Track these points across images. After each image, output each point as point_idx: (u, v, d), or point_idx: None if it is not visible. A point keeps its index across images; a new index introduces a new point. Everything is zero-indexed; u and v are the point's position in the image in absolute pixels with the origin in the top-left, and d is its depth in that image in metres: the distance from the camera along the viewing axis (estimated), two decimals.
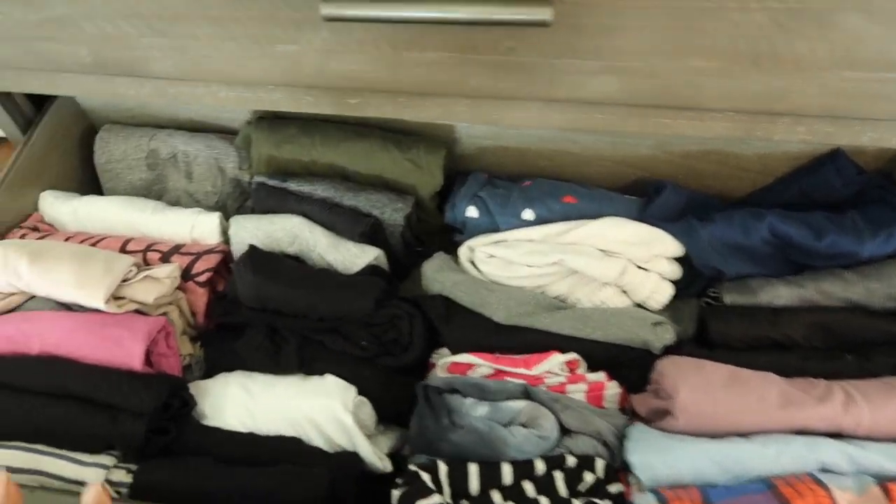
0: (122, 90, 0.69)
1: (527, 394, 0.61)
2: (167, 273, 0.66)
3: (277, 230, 0.71)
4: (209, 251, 0.72)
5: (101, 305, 0.62)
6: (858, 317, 0.63)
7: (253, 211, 0.76)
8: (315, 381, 0.64)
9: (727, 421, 0.55)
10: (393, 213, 0.72)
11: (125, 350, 0.60)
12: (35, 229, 0.75)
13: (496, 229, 0.72)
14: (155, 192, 0.83)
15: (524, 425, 0.59)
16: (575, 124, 0.64)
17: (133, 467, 0.57)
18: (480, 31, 0.58)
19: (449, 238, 0.80)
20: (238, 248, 0.72)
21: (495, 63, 0.60)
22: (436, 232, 0.80)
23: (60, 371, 0.59)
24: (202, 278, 0.70)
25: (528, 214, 0.71)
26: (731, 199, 0.80)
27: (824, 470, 0.53)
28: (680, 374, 0.57)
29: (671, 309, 0.71)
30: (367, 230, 0.70)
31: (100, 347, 0.60)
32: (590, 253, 0.69)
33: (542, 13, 0.50)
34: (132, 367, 0.60)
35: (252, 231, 0.71)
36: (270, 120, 0.77)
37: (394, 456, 0.66)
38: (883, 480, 0.52)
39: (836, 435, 0.55)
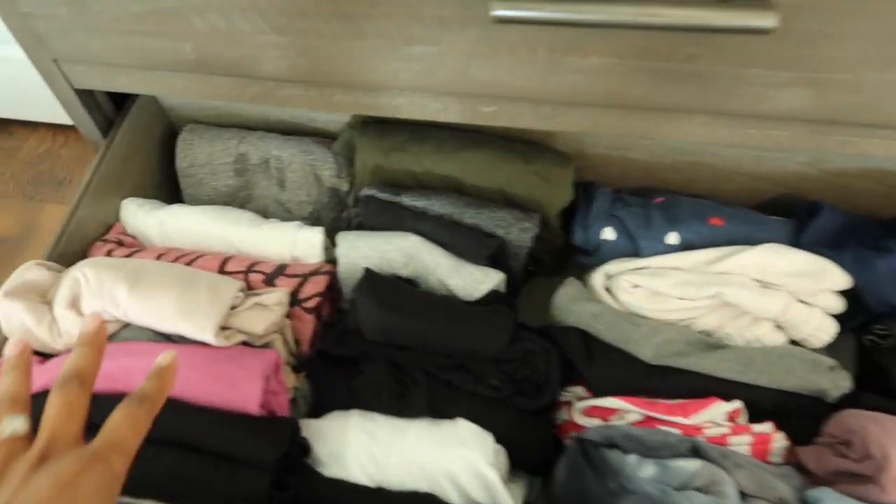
0: (224, 91, 0.62)
1: (695, 450, 0.54)
2: (276, 300, 0.59)
3: (392, 250, 0.64)
4: (316, 272, 0.64)
5: (210, 339, 0.55)
6: None
7: (358, 226, 0.68)
8: (447, 427, 0.56)
9: None
10: (520, 233, 0.64)
11: (241, 393, 0.53)
12: (120, 243, 0.68)
13: (636, 254, 0.65)
14: (240, 199, 0.76)
15: (698, 489, 0.51)
16: (744, 140, 0.56)
17: None
18: (659, 35, 0.50)
19: (565, 258, 0.73)
20: (347, 269, 0.65)
21: (668, 71, 0.52)
22: (554, 251, 0.72)
23: (171, 415, 0.52)
24: (311, 304, 0.62)
25: (672, 238, 0.64)
26: (884, 219, 0.73)
27: None
28: (886, 436, 0.49)
29: (829, 349, 0.63)
30: (494, 253, 0.63)
31: (213, 388, 0.53)
32: (748, 285, 0.61)
33: (766, 19, 0.42)
34: (248, 411, 0.53)
35: (365, 252, 0.64)
36: (377, 125, 0.69)
37: None
38: None
39: None
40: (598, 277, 0.65)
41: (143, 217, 0.70)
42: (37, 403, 0.39)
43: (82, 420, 0.37)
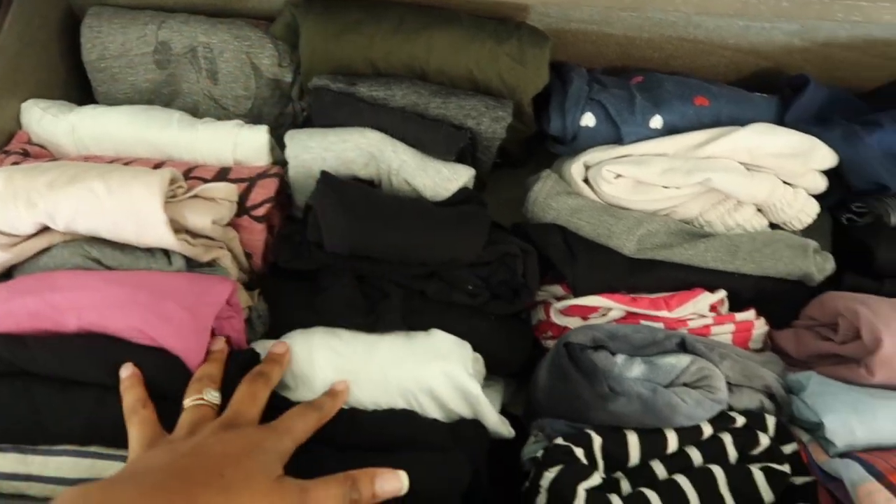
0: None
1: (683, 345, 0.52)
2: (224, 193, 0.52)
3: (349, 149, 0.57)
4: (264, 174, 0.57)
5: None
6: None
7: (307, 122, 0.60)
8: (422, 339, 0.52)
9: None
10: (492, 123, 0.58)
11: (187, 342, 0.47)
12: (25, 154, 0.58)
13: (617, 140, 0.59)
14: (164, 96, 0.66)
15: (690, 385, 0.50)
16: (746, 9, 0.50)
17: None
18: None
19: (528, 148, 0.67)
20: (298, 172, 0.57)
21: None
22: (521, 142, 0.67)
23: (110, 354, 0.46)
24: (261, 211, 0.56)
25: (656, 122, 0.59)
26: (859, 92, 0.69)
27: None
28: (878, 318, 0.48)
29: (803, 228, 0.62)
30: (465, 146, 0.57)
31: (155, 327, 0.46)
32: (736, 169, 0.57)
33: None
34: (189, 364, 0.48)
35: (318, 152, 0.56)
36: (325, 2, 0.60)
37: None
38: None
39: None
40: (576, 168, 0.60)
41: (49, 122, 0.59)
42: None
43: (261, 407, 0.46)
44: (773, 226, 0.62)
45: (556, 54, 0.67)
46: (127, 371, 0.46)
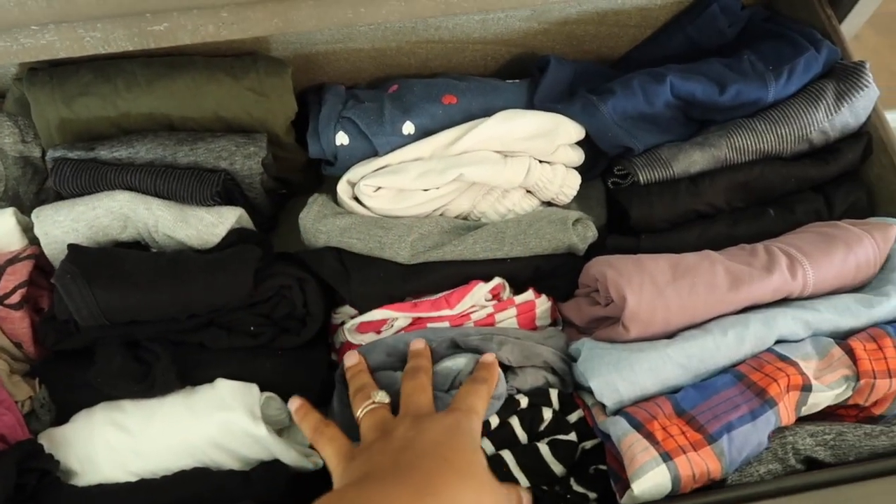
0: None
1: (455, 345, 0.53)
2: None
3: (101, 216, 0.55)
4: (13, 260, 0.55)
5: None
6: (774, 168, 0.60)
7: (59, 196, 0.58)
8: (203, 392, 0.52)
9: (681, 318, 0.51)
10: (245, 160, 0.58)
11: None
12: None
13: (375, 153, 0.60)
14: None
15: None
16: (449, 9, 0.52)
17: None
18: None
19: (317, 172, 0.67)
20: (53, 249, 0.55)
21: None
22: (300, 168, 0.67)
23: None
24: (15, 298, 0.53)
25: (408, 128, 0.60)
26: (611, 61, 0.73)
27: (780, 340, 0.51)
28: (622, 278, 0.51)
29: (577, 199, 0.65)
30: (220, 189, 0.56)
31: None
32: (488, 160, 0.59)
33: None
34: None
35: (70, 225, 0.54)
36: (50, 69, 0.58)
37: None
38: (839, 337, 0.50)
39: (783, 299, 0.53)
40: (343, 187, 0.60)
41: None
42: None
43: (431, 395, 0.49)
44: (549, 205, 0.64)
45: (315, 77, 0.68)
46: (297, 402, 0.50)
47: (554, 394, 0.52)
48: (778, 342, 0.51)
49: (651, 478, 0.44)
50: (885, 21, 1.38)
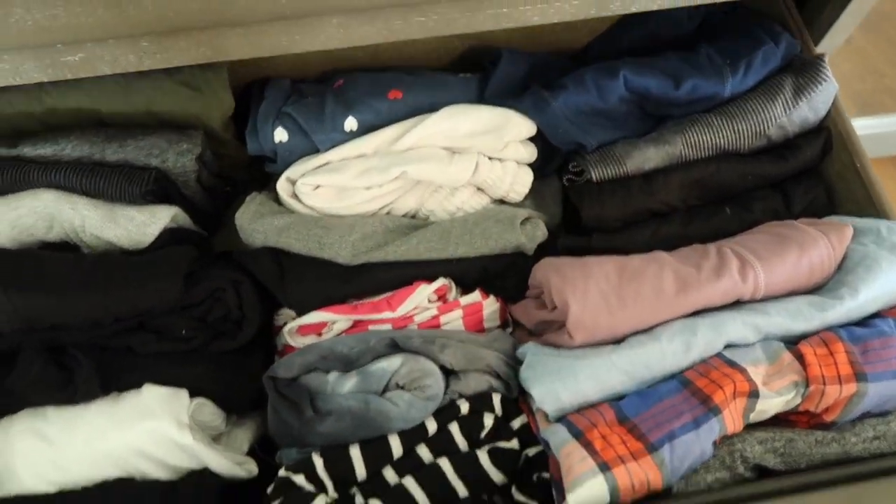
0: None
1: (395, 345, 0.51)
2: None
3: (24, 216, 0.52)
4: None
5: None
6: (730, 164, 0.58)
7: None
8: (129, 399, 0.49)
9: (627, 325, 0.49)
10: (178, 157, 0.55)
11: None
12: None
13: (315, 150, 0.58)
14: None
15: (403, 387, 0.49)
16: (389, 36, 0.50)
17: None
18: None
19: (261, 169, 0.65)
20: None
21: None
22: (244, 166, 0.64)
23: None
24: None
25: (350, 124, 0.58)
26: (568, 53, 0.71)
27: (730, 345, 0.49)
28: (566, 284, 0.49)
29: (532, 196, 0.62)
30: (151, 187, 0.54)
31: None
32: (435, 156, 0.57)
33: None
34: None
35: None
36: None
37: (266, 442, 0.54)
38: (791, 341, 0.48)
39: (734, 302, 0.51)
40: (282, 185, 0.58)
41: None
42: None
43: None
44: (502, 203, 0.62)
45: (259, 71, 0.65)
46: None
47: (497, 399, 0.50)
48: (728, 347, 0.49)
49: (588, 488, 0.42)
50: (873, 21, 1.37)
